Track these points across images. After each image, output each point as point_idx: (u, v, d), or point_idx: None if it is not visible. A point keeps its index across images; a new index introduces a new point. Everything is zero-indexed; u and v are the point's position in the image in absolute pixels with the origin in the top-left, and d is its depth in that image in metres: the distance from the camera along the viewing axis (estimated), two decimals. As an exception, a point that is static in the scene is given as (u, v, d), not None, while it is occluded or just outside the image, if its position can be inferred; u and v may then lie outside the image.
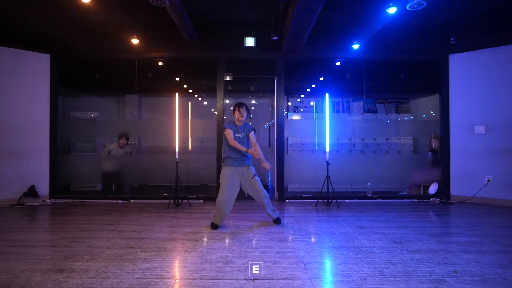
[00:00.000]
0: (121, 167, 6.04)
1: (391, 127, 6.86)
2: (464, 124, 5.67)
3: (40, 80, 5.65)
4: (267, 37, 5.62)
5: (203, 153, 6.46)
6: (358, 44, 5.55)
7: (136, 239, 3.38)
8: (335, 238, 3.44)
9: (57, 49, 5.73)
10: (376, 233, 3.61)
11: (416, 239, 3.37)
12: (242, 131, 3.97)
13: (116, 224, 4.06)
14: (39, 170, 5.62)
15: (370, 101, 8.13)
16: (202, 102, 8.10)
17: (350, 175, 6.12)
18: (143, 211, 4.89)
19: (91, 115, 7.18)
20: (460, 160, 5.68)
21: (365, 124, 6.85)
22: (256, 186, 3.89)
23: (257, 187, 3.89)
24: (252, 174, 3.90)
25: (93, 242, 3.28)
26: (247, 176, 3.91)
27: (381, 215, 4.59)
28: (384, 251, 2.99)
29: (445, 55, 5.82)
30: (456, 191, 5.70)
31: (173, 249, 3.09)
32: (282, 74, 5.72)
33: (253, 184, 3.89)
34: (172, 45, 5.72)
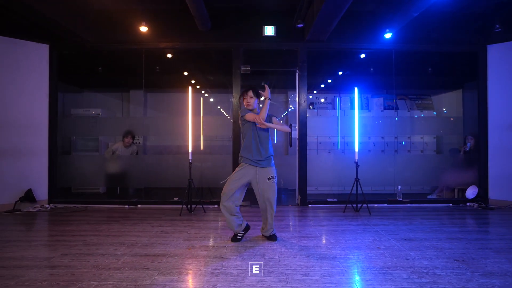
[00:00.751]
0: (126, 169, 5.52)
1: (413, 124, 6.33)
2: (504, 121, 5.14)
3: (38, 74, 5.12)
4: (288, 26, 5.10)
5: (216, 152, 5.96)
6: (391, 32, 5.01)
7: (150, 257, 2.87)
8: (383, 254, 2.92)
9: (57, 39, 5.20)
10: (429, 248, 3.09)
11: (481, 257, 2.85)
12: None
13: (124, 235, 3.55)
14: (37, 172, 5.10)
15: (389, 97, 7.60)
16: (216, 98, 7.56)
17: (373, 176, 5.59)
18: (153, 218, 4.38)
19: (94, 112, 6.66)
20: (500, 160, 5.16)
21: (385, 121, 6.33)
22: (269, 191, 3.23)
23: (269, 193, 3.23)
24: (270, 176, 3.24)
25: (100, 261, 2.76)
26: (262, 176, 3.25)
27: (421, 223, 4.08)
28: (451, 274, 2.47)
29: (482, 46, 5.29)
30: (495, 195, 5.19)
31: (196, 270, 2.57)
32: (304, 66, 5.19)
33: (266, 187, 3.23)
34: (184, 34, 5.19)
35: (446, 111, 7.51)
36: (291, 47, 5.24)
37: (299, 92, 5.20)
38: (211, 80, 7.26)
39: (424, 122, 6.60)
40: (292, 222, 4.24)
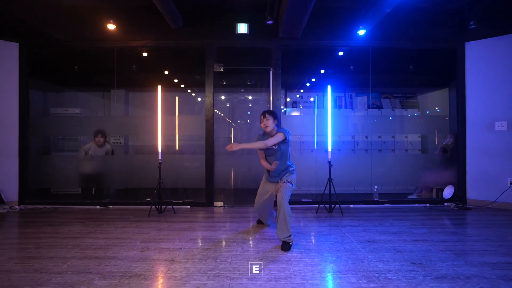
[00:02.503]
0: (100, 169, 5.43)
1: (397, 123, 6.22)
2: (482, 120, 5.05)
3: (7, 73, 5.03)
4: (262, 23, 5.00)
5: (192, 152, 5.86)
6: (364, 29, 4.92)
7: (99, 260, 2.78)
8: (341, 257, 2.83)
9: (26, 37, 5.11)
10: (389, 250, 3.01)
11: (439, 259, 2.76)
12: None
13: (83, 237, 3.46)
14: (7, 173, 5.02)
15: (375, 96, 7.51)
16: (192, 96, 7.48)
17: (354, 177, 5.50)
18: (120, 219, 4.29)
19: (74, 111, 6.58)
20: (478, 160, 5.07)
21: (369, 120, 6.23)
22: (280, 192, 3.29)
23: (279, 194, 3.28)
24: (284, 180, 3.39)
25: (44, 264, 2.67)
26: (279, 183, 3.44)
27: (392, 224, 3.99)
28: (402, 277, 2.38)
29: (460, 43, 5.19)
30: (473, 195, 5.10)
31: (140, 274, 2.48)
32: (278, 64, 5.09)
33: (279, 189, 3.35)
34: (155, 32, 5.10)
35: (431, 110, 7.43)
36: (265, 44, 5.14)
37: (273, 90, 5.11)
38: (187, 79, 7.16)
39: (409, 121, 6.50)
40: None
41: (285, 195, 3.21)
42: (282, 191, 3.26)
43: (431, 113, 7.37)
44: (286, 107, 7.19)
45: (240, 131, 7.64)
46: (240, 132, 7.64)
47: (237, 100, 7.68)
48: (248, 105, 7.87)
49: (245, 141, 7.31)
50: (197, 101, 7.48)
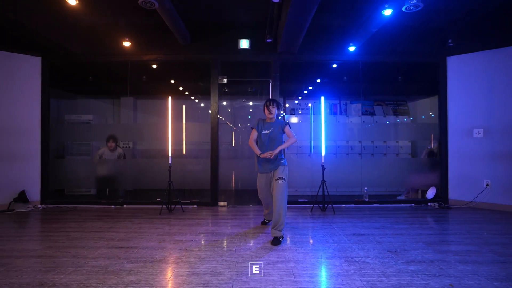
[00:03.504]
0: (113, 171, 5.94)
1: (389, 129, 6.73)
2: (462, 127, 5.57)
3: (31, 83, 5.56)
4: (262, 39, 5.52)
5: (197, 156, 6.37)
6: (354, 46, 5.46)
7: (124, 249, 3.29)
8: (329, 247, 3.34)
9: (48, 52, 5.64)
10: (371, 242, 3.51)
11: (412, 248, 3.27)
12: (270, 127, 3.78)
13: (106, 231, 3.97)
14: (30, 175, 5.53)
15: (368, 103, 8.02)
16: (197, 104, 8.01)
17: (347, 179, 6.01)
18: (135, 217, 4.80)
19: (86, 118, 7.10)
20: (458, 164, 5.58)
21: (362, 126, 6.74)
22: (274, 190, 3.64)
23: (274, 192, 3.64)
24: (277, 177, 3.67)
25: (79, 252, 3.18)
26: (272, 177, 3.77)
27: (378, 221, 4.50)
28: (378, 262, 2.89)
29: (442, 57, 5.72)
30: (454, 196, 5.61)
31: (161, 259, 2.99)
32: (277, 76, 5.62)
33: (273, 186, 3.67)
34: (165, 47, 5.63)
35: (421, 117, 7.93)
36: (265, 59, 5.67)
37: (272, 100, 5.62)
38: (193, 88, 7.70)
39: (400, 127, 7.00)
40: (260, 220, 4.64)
41: (282, 195, 3.56)
42: (278, 190, 3.57)
43: (421, 119, 7.87)
44: (285, 113, 7.70)
45: (241, 135, 8.14)
46: (241, 136, 8.13)
47: (239, 106, 8.20)
48: (248, 111, 8.39)
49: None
50: (202, 108, 8.00)
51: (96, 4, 4.58)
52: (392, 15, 4.32)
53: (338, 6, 4.71)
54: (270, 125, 3.81)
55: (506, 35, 5.14)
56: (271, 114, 3.78)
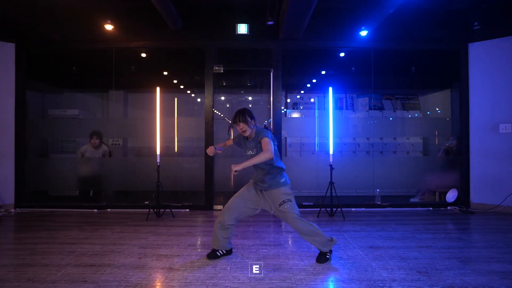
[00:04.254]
0: (97, 171, 5.35)
1: (399, 125, 6.16)
2: (486, 122, 4.97)
3: (4, 73, 4.96)
4: (262, 24, 4.92)
5: (191, 155, 5.78)
6: (367, 30, 4.85)
7: (95, 267, 2.70)
8: (344, 265, 2.75)
9: (24, 38, 5.04)
10: (393, 257, 2.93)
11: (445, 267, 2.68)
12: (252, 145, 2.79)
13: (79, 243, 3.38)
14: (3, 176, 4.94)
15: (376, 97, 7.41)
16: (192, 98, 7.40)
17: (355, 179, 5.41)
18: (118, 223, 4.22)
19: (71, 113, 6.49)
20: (482, 163, 4.99)
21: (371, 122, 6.16)
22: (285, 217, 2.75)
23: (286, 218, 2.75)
24: (280, 201, 2.72)
25: (39, 272, 2.59)
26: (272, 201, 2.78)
27: (395, 229, 3.91)
28: (407, 287, 2.30)
29: (464, 44, 5.12)
30: (477, 199, 5.02)
31: (137, 283, 2.40)
32: (279, 65, 5.02)
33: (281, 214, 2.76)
34: (154, 33, 5.03)
35: (433, 112, 7.35)
36: (265, 45, 5.07)
37: (274, 92, 5.04)
38: (187, 80, 7.09)
39: (410, 123, 6.42)
40: (261, 228, 4.06)
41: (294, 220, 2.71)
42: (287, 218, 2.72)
43: (432, 114, 7.29)
44: (286, 108, 7.11)
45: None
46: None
47: (237, 101, 7.60)
48: (248, 106, 7.78)
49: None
50: (196, 102, 7.39)
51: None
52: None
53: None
54: (252, 142, 2.82)
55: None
56: (245, 133, 2.77)
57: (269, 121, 7.62)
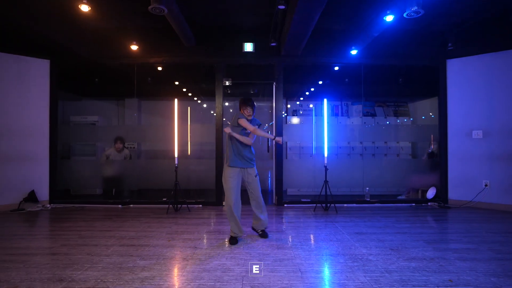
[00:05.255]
0: (120, 172, 6.07)
1: (389, 130, 6.89)
2: (462, 129, 5.69)
3: (40, 86, 5.68)
4: (266, 43, 5.64)
5: (202, 157, 6.49)
6: (356, 49, 5.58)
7: (135, 247, 3.41)
8: (333, 245, 3.46)
9: (57, 55, 5.76)
10: (374, 240, 3.64)
11: (413, 246, 3.40)
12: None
13: (115, 230, 4.09)
14: (39, 175, 5.65)
15: (369, 104, 8.13)
16: (201, 106, 8.13)
17: (349, 179, 6.13)
18: (142, 216, 4.92)
19: (92, 119, 7.21)
20: (458, 164, 5.71)
21: (364, 127, 6.88)
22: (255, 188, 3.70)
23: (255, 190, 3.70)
24: (254, 174, 3.69)
25: (93, 249, 3.31)
26: (251, 175, 3.68)
27: (379, 220, 4.62)
28: (380, 259, 3.02)
29: (442, 60, 5.85)
30: (454, 196, 5.73)
31: (172, 257, 3.12)
32: (280, 79, 5.75)
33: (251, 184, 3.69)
34: (171, 50, 5.75)
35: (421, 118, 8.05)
36: (268, 62, 5.80)
37: (276, 102, 5.76)
38: (197, 90, 7.82)
39: (400, 128, 7.12)
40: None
41: (259, 190, 3.70)
42: (256, 185, 3.67)
43: (421, 120, 7.99)
44: (287, 115, 7.82)
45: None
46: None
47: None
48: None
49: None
50: (206, 109, 8.10)
51: (106, 10, 4.71)
52: (394, 20, 4.44)
53: (341, 11, 4.85)
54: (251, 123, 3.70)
55: (506, 39, 5.26)
56: (250, 116, 3.67)
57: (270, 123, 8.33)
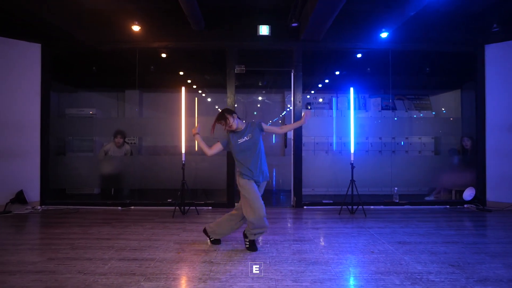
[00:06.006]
0: (120, 169, 5.46)
1: (411, 125, 6.26)
2: (502, 122, 5.08)
3: (30, 74, 5.06)
4: (283, 25, 5.04)
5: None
6: (387, 32, 4.95)
7: (138, 261, 2.80)
8: (377, 259, 2.85)
9: (49, 38, 5.14)
10: (424, 252, 3.03)
11: (476, 261, 2.79)
12: (249, 133, 3.10)
13: (114, 238, 3.48)
14: (29, 173, 5.04)
15: (387, 97, 7.51)
16: (210, 98, 7.49)
17: (369, 177, 5.47)
18: (146, 220, 4.32)
19: (89, 112, 6.60)
20: (498, 162, 5.10)
21: (383, 121, 6.27)
22: None
23: None
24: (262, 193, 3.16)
25: (86, 266, 2.69)
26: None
27: (418, 226, 4.02)
28: (445, 280, 2.41)
29: (480, 46, 5.22)
30: (493, 197, 5.12)
31: (184, 275, 2.51)
32: (299, 66, 5.12)
33: None
34: (177, 34, 5.13)
35: (445, 111, 7.45)
36: (286, 47, 5.17)
37: (295, 92, 5.14)
38: (206, 80, 7.19)
39: (422, 122, 6.52)
40: (286, 224, 4.18)
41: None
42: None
43: (443, 114, 7.39)
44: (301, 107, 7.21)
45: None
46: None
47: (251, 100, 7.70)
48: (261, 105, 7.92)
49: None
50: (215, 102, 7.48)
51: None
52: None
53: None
54: (243, 132, 3.15)
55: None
56: (232, 127, 3.12)
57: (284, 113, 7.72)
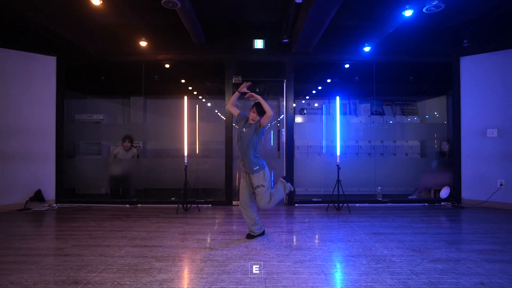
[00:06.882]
0: (127, 171, 5.96)
1: (399, 129, 6.76)
2: (475, 127, 5.59)
3: (46, 83, 5.58)
4: (277, 40, 5.55)
5: (211, 156, 6.39)
6: (369, 46, 5.48)
7: (148, 247, 3.31)
8: (352, 245, 3.36)
9: (64, 52, 5.66)
10: (393, 240, 3.54)
11: (435, 247, 3.30)
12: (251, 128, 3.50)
13: (126, 230, 3.99)
14: (46, 174, 5.55)
15: (377, 103, 8.03)
16: (210, 105, 8.02)
17: (358, 178, 5.99)
18: (152, 216, 4.82)
19: (97, 117, 7.11)
20: (471, 163, 5.60)
21: (372, 126, 6.78)
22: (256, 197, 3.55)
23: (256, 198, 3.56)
24: (255, 185, 3.50)
25: (105, 250, 3.21)
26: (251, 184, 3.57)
27: (395, 220, 4.52)
28: (404, 260, 2.92)
29: (456, 57, 5.74)
30: (467, 195, 5.63)
31: (188, 257, 3.02)
32: (291, 76, 5.65)
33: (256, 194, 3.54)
34: (180, 47, 5.65)
35: (429, 117, 7.95)
36: (279, 59, 5.70)
37: (287, 100, 5.66)
38: (206, 88, 7.71)
39: (409, 127, 7.03)
40: (278, 219, 4.68)
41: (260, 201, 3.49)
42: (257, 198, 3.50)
43: (430, 119, 7.89)
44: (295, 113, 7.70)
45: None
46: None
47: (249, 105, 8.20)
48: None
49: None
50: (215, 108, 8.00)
51: (117, 5, 4.59)
52: (412, 15, 4.34)
53: (356, 7, 4.73)
54: (248, 125, 3.57)
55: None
56: (253, 120, 3.53)
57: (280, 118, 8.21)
